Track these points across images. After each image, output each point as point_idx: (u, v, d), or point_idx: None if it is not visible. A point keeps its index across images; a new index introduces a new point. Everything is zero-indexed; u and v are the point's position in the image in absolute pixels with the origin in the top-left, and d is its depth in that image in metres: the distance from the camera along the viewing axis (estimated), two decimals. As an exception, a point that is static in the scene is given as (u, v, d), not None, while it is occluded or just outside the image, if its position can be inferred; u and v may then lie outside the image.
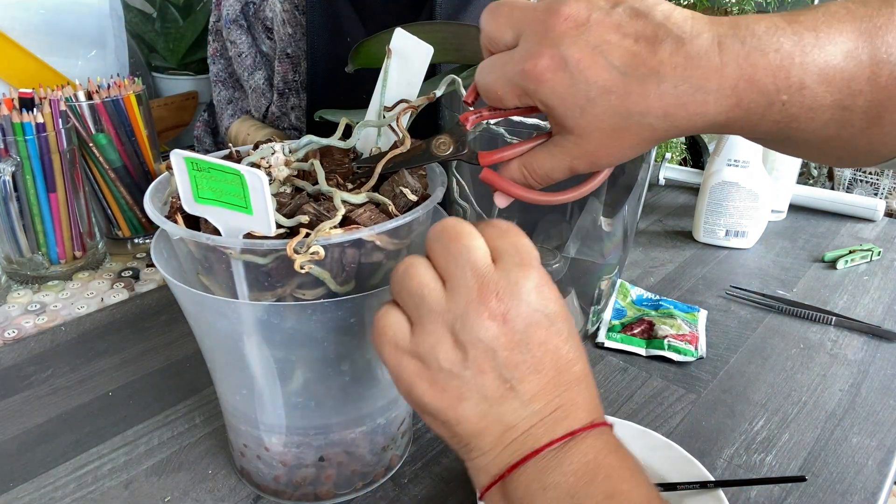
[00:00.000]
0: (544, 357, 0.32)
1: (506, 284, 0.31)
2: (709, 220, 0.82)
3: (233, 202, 0.34)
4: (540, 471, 0.31)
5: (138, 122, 0.73)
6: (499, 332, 0.31)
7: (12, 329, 0.63)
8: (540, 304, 0.32)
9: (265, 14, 0.80)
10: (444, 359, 0.31)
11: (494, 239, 0.33)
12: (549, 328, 0.32)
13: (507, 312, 0.31)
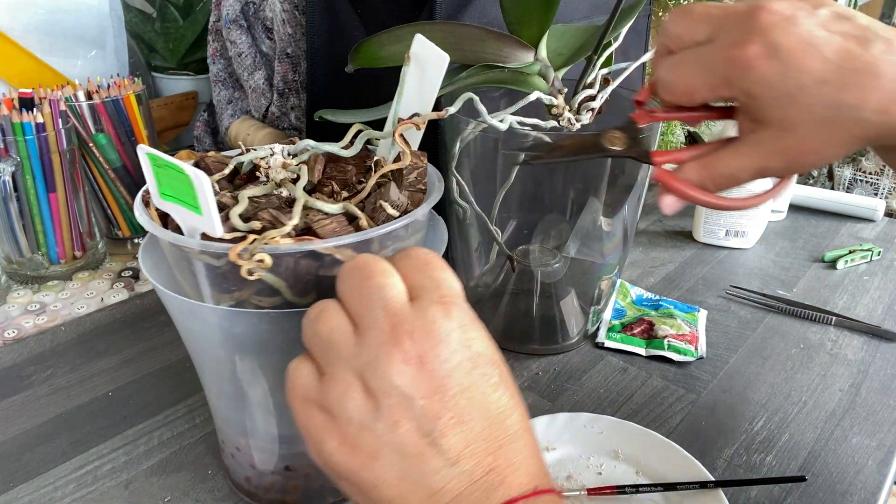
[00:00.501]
0: (469, 406, 0.28)
1: (422, 324, 0.28)
2: (709, 220, 0.82)
3: (187, 201, 0.33)
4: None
5: (138, 122, 0.73)
6: (414, 376, 0.27)
7: (12, 329, 0.63)
8: (462, 344, 0.29)
9: (265, 14, 0.80)
10: (354, 410, 0.28)
11: (412, 274, 0.30)
12: (473, 372, 0.28)
13: (424, 355, 0.28)
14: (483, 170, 0.55)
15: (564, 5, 0.65)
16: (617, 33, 0.51)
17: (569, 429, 0.50)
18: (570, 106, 0.50)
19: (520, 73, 0.51)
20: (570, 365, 0.60)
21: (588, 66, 0.49)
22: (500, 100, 0.59)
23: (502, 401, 0.29)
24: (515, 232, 0.58)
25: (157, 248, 0.39)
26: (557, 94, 0.50)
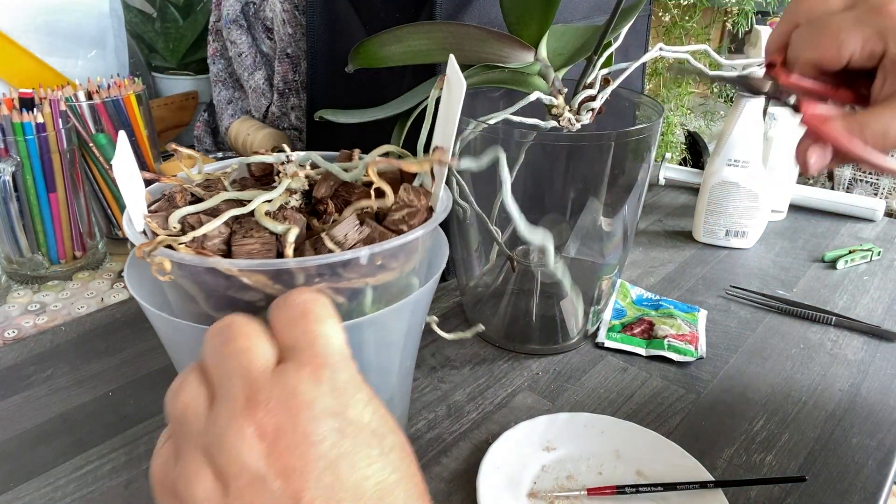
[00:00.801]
0: (336, 484, 0.23)
1: (281, 391, 0.24)
2: (709, 220, 0.82)
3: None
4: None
5: (138, 122, 0.73)
6: (268, 453, 0.23)
7: (12, 329, 0.63)
8: (329, 413, 0.24)
9: (265, 14, 0.80)
10: (202, 496, 0.24)
11: (286, 330, 0.26)
12: (341, 443, 0.24)
13: (280, 427, 0.24)
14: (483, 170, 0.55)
15: (564, 5, 0.65)
16: (617, 33, 0.51)
17: (569, 429, 0.50)
18: (570, 106, 0.50)
19: (520, 73, 0.51)
20: (570, 365, 0.60)
21: (588, 66, 0.49)
22: (500, 100, 0.59)
23: (382, 476, 0.24)
24: (515, 232, 0.58)
25: (142, 264, 0.39)
26: (557, 94, 0.50)
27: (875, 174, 1.84)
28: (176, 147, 0.38)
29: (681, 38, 1.07)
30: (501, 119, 0.49)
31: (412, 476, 0.26)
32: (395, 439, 0.26)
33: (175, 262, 0.32)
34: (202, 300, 0.33)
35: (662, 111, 0.56)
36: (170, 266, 0.31)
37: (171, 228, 0.34)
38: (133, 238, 0.34)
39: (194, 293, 0.33)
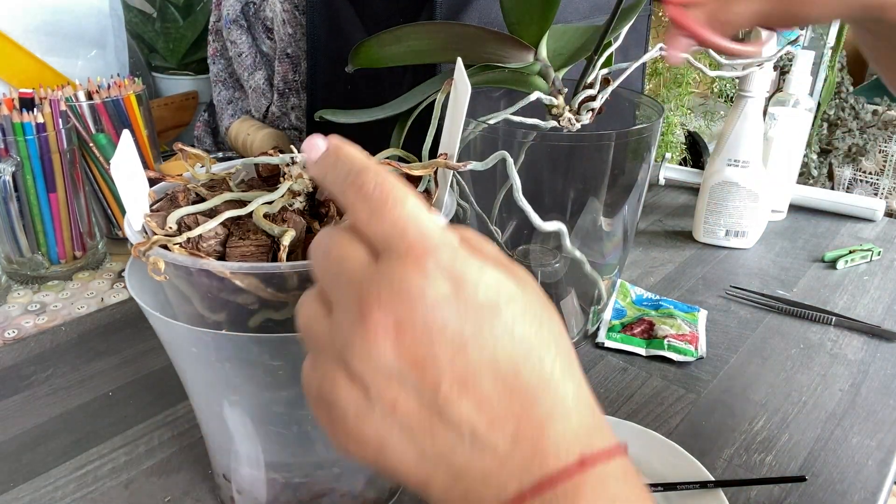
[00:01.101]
0: (469, 366, 0.23)
1: (388, 288, 0.24)
2: (709, 220, 0.82)
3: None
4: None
5: (138, 122, 0.73)
6: (395, 348, 0.23)
7: (12, 329, 0.63)
8: (444, 297, 0.23)
9: (265, 14, 0.80)
10: (346, 401, 0.24)
11: (371, 223, 0.25)
12: (467, 324, 0.23)
13: (400, 320, 0.23)
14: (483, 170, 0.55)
15: (564, 5, 0.65)
16: (617, 33, 0.51)
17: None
18: (570, 106, 0.50)
19: (520, 73, 0.51)
20: (570, 365, 0.60)
21: (588, 66, 0.49)
22: (500, 100, 0.59)
23: (517, 347, 0.24)
24: (515, 232, 0.58)
25: (143, 265, 0.39)
26: (557, 94, 0.50)
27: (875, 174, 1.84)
28: (182, 146, 0.38)
29: (681, 38, 1.07)
30: (502, 119, 0.49)
31: (544, 341, 0.24)
32: (514, 308, 0.24)
33: (169, 263, 0.32)
34: (197, 301, 0.33)
35: (662, 111, 0.56)
36: (164, 266, 0.31)
37: (168, 228, 0.34)
38: (131, 237, 0.34)
39: (189, 294, 0.33)
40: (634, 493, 0.23)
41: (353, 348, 0.24)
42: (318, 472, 0.41)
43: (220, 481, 0.44)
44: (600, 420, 0.25)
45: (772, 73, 0.84)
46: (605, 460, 0.23)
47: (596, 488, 0.22)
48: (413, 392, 0.23)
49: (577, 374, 0.25)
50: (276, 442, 0.39)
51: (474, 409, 0.23)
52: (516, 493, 0.22)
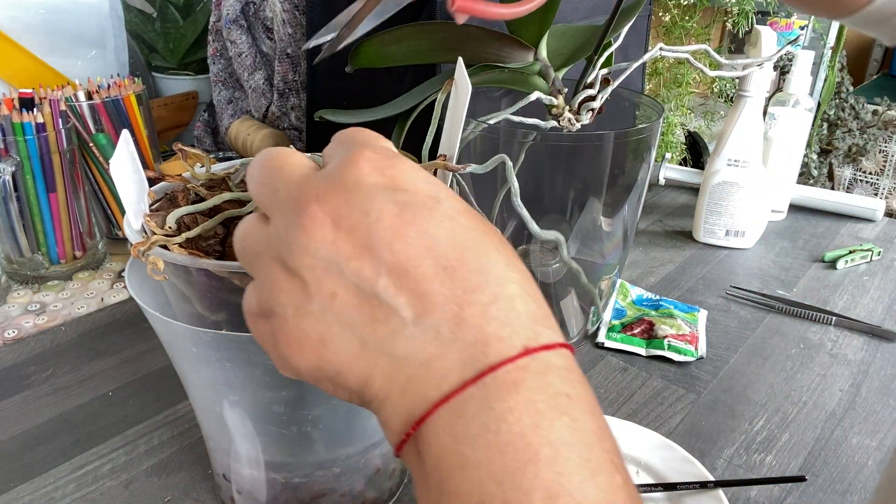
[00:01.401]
0: (409, 251, 0.23)
1: (325, 183, 0.24)
2: (709, 220, 0.82)
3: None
4: (455, 435, 0.21)
5: (138, 122, 0.73)
6: (333, 240, 0.23)
7: (12, 329, 0.63)
8: (382, 187, 0.23)
9: (265, 14, 0.80)
10: (285, 298, 0.24)
11: (327, 151, 0.26)
12: (405, 212, 0.23)
13: (336, 212, 0.23)
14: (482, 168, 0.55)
15: (564, 5, 0.65)
16: (617, 33, 0.51)
17: (569, 429, 0.50)
18: (570, 106, 0.50)
19: (520, 73, 0.51)
20: (570, 365, 0.60)
21: (588, 66, 0.49)
22: (500, 100, 0.59)
23: (456, 235, 0.23)
24: (515, 232, 0.58)
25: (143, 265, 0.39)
26: (557, 94, 0.50)
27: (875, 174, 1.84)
28: (181, 147, 0.38)
29: (681, 38, 1.07)
30: (502, 119, 0.49)
31: (487, 233, 0.24)
32: (453, 203, 0.24)
33: (169, 263, 0.32)
34: (196, 301, 0.33)
35: (662, 111, 0.56)
36: (163, 266, 0.31)
37: (167, 228, 0.34)
38: (131, 237, 0.34)
39: (189, 293, 0.33)
40: (576, 390, 0.22)
41: (290, 245, 0.24)
42: (317, 472, 0.41)
43: (220, 481, 0.44)
44: (546, 313, 0.24)
45: (772, 73, 0.84)
46: (549, 352, 0.22)
47: (537, 378, 0.22)
48: (352, 282, 0.23)
49: (521, 267, 0.24)
50: (275, 442, 0.39)
51: (415, 294, 0.22)
52: (459, 382, 0.22)
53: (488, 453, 0.21)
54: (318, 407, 0.38)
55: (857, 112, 1.77)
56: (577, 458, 0.21)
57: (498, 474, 0.20)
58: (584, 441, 0.21)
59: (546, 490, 0.20)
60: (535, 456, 0.20)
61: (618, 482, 0.21)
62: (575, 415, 0.22)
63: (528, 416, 0.21)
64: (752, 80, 0.76)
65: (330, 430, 0.39)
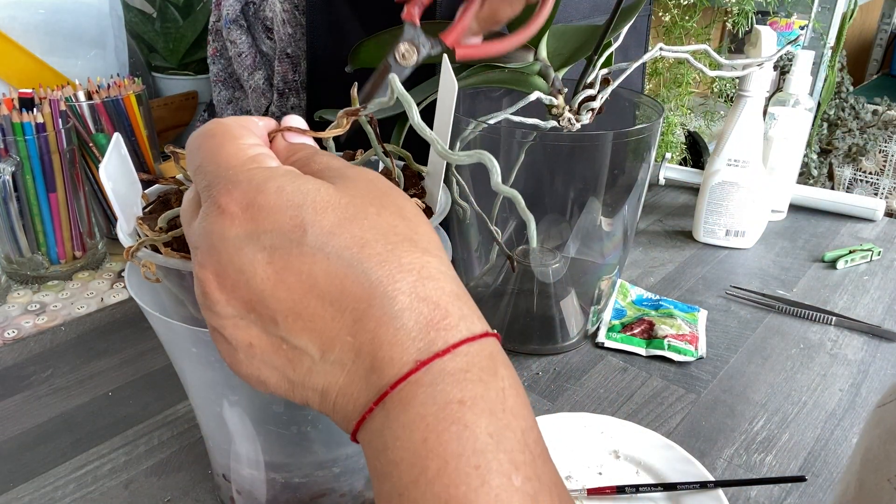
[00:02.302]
0: (293, 295, 0.23)
1: (199, 239, 0.25)
2: (709, 219, 0.82)
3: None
4: (372, 449, 0.23)
5: (138, 122, 0.73)
6: (226, 299, 0.24)
7: (12, 329, 0.63)
8: (243, 234, 0.23)
9: (265, 14, 0.80)
10: (221, 350, 0.26)
11: (194, 177, 0.27)
12: (275, 256, 0.23)
13: (216, 273, 0.24)
14: (483, 170, 0.55)
15: (564, 5, 0.65)
16: (617, 33, 0.51)
17: (569, 429, 0.50)
18: (570, 106, 0.50)
19: (520, 73, 0.51)
20: (570, 365, 0.60)
21: (588, 66, 0.49)
22: (500, 100, 0.59)
23: (331, 267, 0.23)
24: (515, 232, 0.58)
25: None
26: (557, 94, 0.50)
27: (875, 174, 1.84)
28: (174, 149, 0.38)
29: (681, 38, 1.07)
30: (502, 119, 0.49)
31: (368, 243, 0.23)
32: (326, 220, 0.23)
33: (161, 266, 0.32)
34: (190, 304, 0.33)
35: (662, 111, 0.56)
36: (155, 268, 0.31)
37: (158, 229, 0.34)
38: (123, 240, 0.34)
39: (182, 297, 0.33)
40: (471, 392, 0.22)
41: (202, 307, 0.25)
42: (317, 472, 0.41)
43: (220, 481, 0.44)
44: (445, 313, 0.23)
45: (772, 73, 0.84)
46: (441, 359, 0.22)
47: (427, 391, 0.22)
48: (259, 329, 0.24)
49: (416, 262, 0.24)
50: (275, 442, 0.39)
51: (312, 332, 0.23)
52: (366, 405, 0.23)
53: (390, 467, 0.22)
54: (318, 407, 0.38)
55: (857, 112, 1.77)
56: (465, 467, 0.21)
57: (398, 486, 0.21)
58: (473, 448, 0.21)
59: (437, 501, 0.21)
60: (425, 469, 0.21)
61: (515, 484, 0.21)
62: (466, 420, 0.21)
63: (418, 431, 0.21)
64: (752, 80, 0.76)
65: (329, 430, 0.39)
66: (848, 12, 1.37)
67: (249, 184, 0.24)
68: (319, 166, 0.27)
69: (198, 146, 0.27)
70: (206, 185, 0.25)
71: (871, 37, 2.75)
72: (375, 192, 0.25)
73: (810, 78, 0.84)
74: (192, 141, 0.27)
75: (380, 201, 0.25)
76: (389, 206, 0.25)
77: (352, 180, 0.25)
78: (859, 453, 0.30)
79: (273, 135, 0.30)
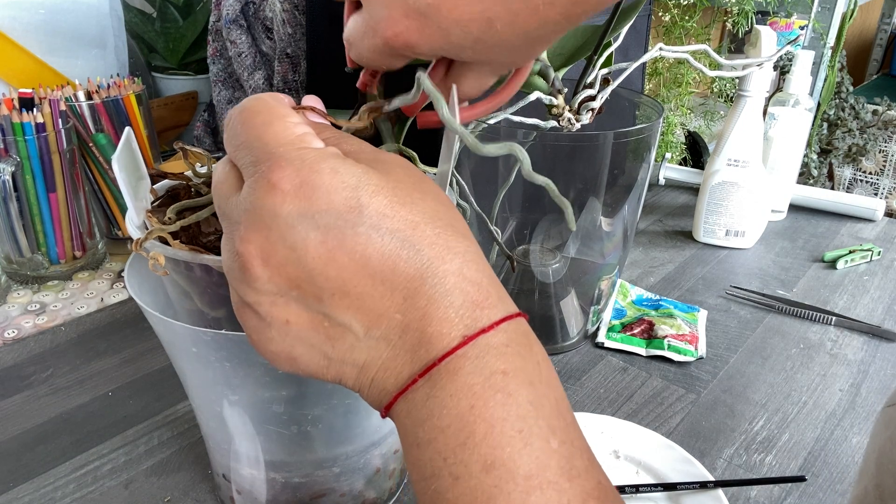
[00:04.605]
0: (344, 274, 0.24)
1: (245, 215, 0.25)
2: (709, 219, 0.82)
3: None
4: (412, 419, 0.24)
5: (138, 122, 0.73)
6: (269, 276, 0.24)
7: (12, 329, 0.63)
8: (297, 212, 0.24)
9: (265, 14, 0.80)
10: (249, 326, 0.26)
11: (234, 154, 0.27)
12: (329, 235, 0.24)
13: (262, 249, 0.24)
14: (483, 170, 0.55)
15: (564, 5, 0.65)
16: (617, 33, 0.51)
17: (569, 429, 0.50)
18: (570, 106, 0.50)
19: (520, 73, 0.51)
20: (570, 365, 0.60)
21: (588, 66, 0.49)
22: (500, 100, 0.59)
23: (385, 248, 0.24)
24: (515, 232, 0.58)
25: (142, 265, 0.39)
26: (557, 94, 0.50)
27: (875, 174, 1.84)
28: (182, 145, 0.38)
29: (681, 38, 1.07)
30: (502, 119, 0.49)
31: (418, 225, 0.24)
32: (379, 202, 0.24)
33: (169, 258, 0.32)
34: (196, 296, 0.33)
35: (662, 111, 0.56)
36: (164, 261, 0.31)
37: (167, 219, 0.34)
38: (132, 232, 0.34)
39: (189, 289, 0.33)
40: (513, 364, 0.24)
41: (237, 282, 0.25)
42: (317, 471, 0.41)
43: (220, 481, 0.44)
44: (487, 293, 0.25)
45: (772, 73, 0.84)
46: (486, 334, 0.24)
47: (474, 363, 0.23)
48: (300, 306, 0.25)
49: (460, 246, 0.25)
50: (275, 441, 0.39)
51: (359, 310, 0.24)
52: (410, 377, 0.24)
53: (434, 433, 0.23)
54: (318, 406, 0.38)
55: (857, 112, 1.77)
56: (509, 431, 0.23)
57: (443, 451, 0.23)
58: (517, 414, 0.23)
59: (482, 462, 0.22)
60: (472, 433, 0.23)
61: (552, 447, 0.23)
62: (510, 389, 0.23)
63: (465, 399, 0.23)
64: (752, 80, 0.76)
65: (329, 429, 0.39)
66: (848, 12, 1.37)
67: (303, 162, 0.24)
68: (352, 147, 0.27)
69: (242, 121, 0.27)
70: (253, 161, 0.25)
71: (871, 37, 2.75)
72: (414, 178, 0.26)
73: (810, 78, 0.84)
74: (233, 117, 0.27)
75: (420, 188, 0.26)
76: (430, 192, 0.26)
77: (390, 165, 0.26)
78: (873, 456, 0.30)
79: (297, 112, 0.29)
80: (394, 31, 0.26)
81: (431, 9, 0.24)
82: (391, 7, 0.25)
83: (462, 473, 0.22)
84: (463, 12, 0.24)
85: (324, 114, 0.30)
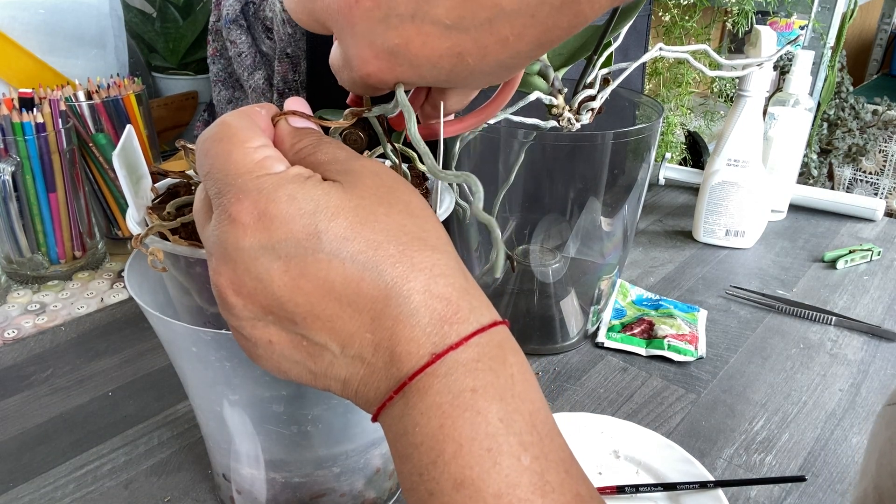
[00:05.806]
0: (310, 299, 0.24)
1: (214, 248, 0.25)
2: (709, 219, 0.82)
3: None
4: (392, 433, 0.25)
5: (138, 122, 0.73)
6: (243, 303, 0.25)
7: (12, 329, 0.63)
8: (258, 245, 0.24)
9: (265, 14, 0.80)
10: (241, 346, 0.27)
11: (204, 183, 0.27)
12: (291, 265, 0.24)
13: (231, 281, 0.25)
14: (483, 170, 0.55)
15: (564, 5, 0.65)
16: (617, 33, 0.51)
17: (569, 429, 0.50)
18: (570, 106, 0.50)
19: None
20: (570, 365, 0.60)
21: (588, 66, 0.49)
22: (500, 100, 0.59)
23: (347, 272, 0.24)
24: (515, 232, 0.58)
25: (142, 265, 0.39)
26: (557, 94, 0.50)
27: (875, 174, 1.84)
28: (184, 144, 0.38)
29: (681, 38, 1.07)
30: (502, 119, 0.49)
31: (381, 245, 0.24)
32: (339, 224, 0.24)
33: (169, 254, 0.32)
34: (196, 293, 0.33)
35: (662, 111, 0.56)
36: (163, 256, 0.31)
37: (166, 215, 0.34)
38: (133, 228, 0.34)
39: (189, 285, 0.33)
40: (482, 381, 0.23)
41: (220, 307, 0.26)
42: (317, 471, 0.41)
43: (220, 481, 0.44)
44: (457, 308, 0.24)
45: (772, 73, 0.84)
46: (454, 351, 0.24)
47: (442, 381, 0.23)
48: (278, 328, 0.25)
49: (426, 261, 0.25)
50: (275, 441, 0.39)
51: (332, 331, 0.25)
52: (386, 393, 0.24)
53: (410, 449, 0.24)
54: (318, 406, 0.38)
55: (857, 112, 1.77)
56: (478, 450, 0.23)
57: (418, 467, 0.23)
58: (485, 432, 0.23)
59: (453, 481, 0.22)
60: (442, 452, 0.23)
61: (524, 464, 0.23)
62: (479, 407, 0.23)
63: (435, 418, 0.23)
64: (752, 80, 0.76)
65: (329, 429, 0.39)
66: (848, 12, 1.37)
67: (259, 193, 0.24)
68: (325, 157, 0.27)
69: (205, 151, 0.27)
70: (217, 193, 0.25)
71: (871, 37, 2.75)
72: (382, 188, 0.26)
73: (810, 78, 0.84)
74: (199, 145, 0.27)
75: (388, 199, 0.25)
76: (397, 204, 0.26)
77: (358, 175, 0.26)
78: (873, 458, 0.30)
79: (276, 119, 0.30)
80: (366, 71, 0.26)
81: (399, 48, 0.24)
82: (360, 47, 0.25)
83: (436, 490, 0.23)
84: (432, 49, 0.24)
85: (308, 116, 0.30)
